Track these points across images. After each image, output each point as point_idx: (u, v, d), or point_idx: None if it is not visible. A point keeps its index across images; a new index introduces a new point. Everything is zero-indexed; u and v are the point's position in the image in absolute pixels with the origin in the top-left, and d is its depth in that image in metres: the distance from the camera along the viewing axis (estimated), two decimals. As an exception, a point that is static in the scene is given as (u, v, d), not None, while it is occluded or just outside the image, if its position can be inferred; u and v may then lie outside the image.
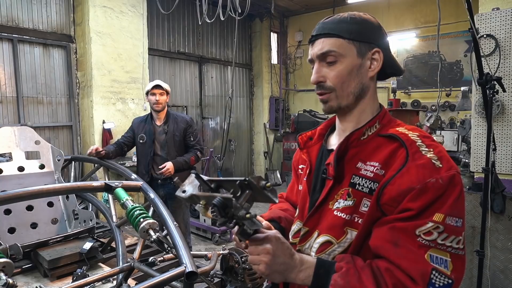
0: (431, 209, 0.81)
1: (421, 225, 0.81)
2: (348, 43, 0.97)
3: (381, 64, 0.99)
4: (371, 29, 1.00)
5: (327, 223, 0.96)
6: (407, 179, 0.83)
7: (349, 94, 0.98)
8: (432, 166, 0.84)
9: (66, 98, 5.39)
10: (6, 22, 4.71)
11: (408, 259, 0.80)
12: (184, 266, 1.43)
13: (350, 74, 0.97)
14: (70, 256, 2.18)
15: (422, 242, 0.80)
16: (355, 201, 0.92)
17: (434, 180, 0.82)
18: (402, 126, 0.97)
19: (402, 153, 0.88)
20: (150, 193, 1.99)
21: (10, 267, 1.19)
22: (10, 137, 2.80)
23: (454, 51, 6.88)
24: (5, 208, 2.52)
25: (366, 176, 0.91)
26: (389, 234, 0.83)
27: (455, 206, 0.82)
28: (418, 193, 0.82)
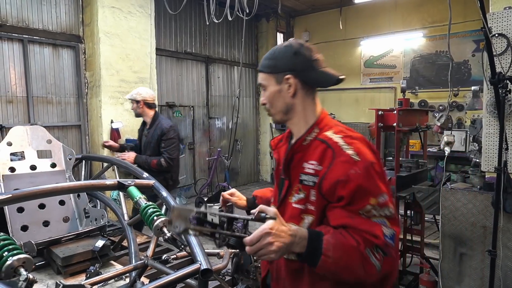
0: (363, 195, 1.09)
1: (361, 208, 1.09)
2: (269, 76, 1.28)
3: (295, 85, 1.25)
4: (285, 60, 1.25)
5: (288, 214, 1.23)
6: (334, 174, 1.11)
7: (278, 112, 1.30)
8: (352, 161, 1.11)
9: (75, 98, 5.44)
10: (16, 22, 4.77)
11: (365, 225, 1.08)
12: (199, 263, 1.44)
13: (274, 97, 1.28)
14: (83, 254, 2.21)
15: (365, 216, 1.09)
16: (305, 193, 1.19)
17: (354, 171, 1.09)
18: (332, 129, 1.23)
19: (329, 152, 1.16)
20: (162, 191, 2.00)
21: (30, 263, 1.21)
22: (23, 136, 2.83)
23: (462, 51, 6.84)
24: (18, 206, 2.55)
25: (309, 173, 1.19)
26: (344, 213, 1.10)
27: (378, 188, 1.11)
28: (344, 183, 1.09)
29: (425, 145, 3.53)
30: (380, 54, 7.96)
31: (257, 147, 9.21)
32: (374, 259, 1.05)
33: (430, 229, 4.59)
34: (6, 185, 2.63)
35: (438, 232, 3.95)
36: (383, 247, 1.07)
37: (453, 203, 2.63)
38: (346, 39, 8.26)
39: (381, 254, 1.06)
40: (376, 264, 1.06)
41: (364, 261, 1.05)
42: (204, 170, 7.71)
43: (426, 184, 3.25)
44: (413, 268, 3.71)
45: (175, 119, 7.04)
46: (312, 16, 8.84)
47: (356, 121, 8.33)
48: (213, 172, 6.38)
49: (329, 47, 8.59)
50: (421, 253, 3.50)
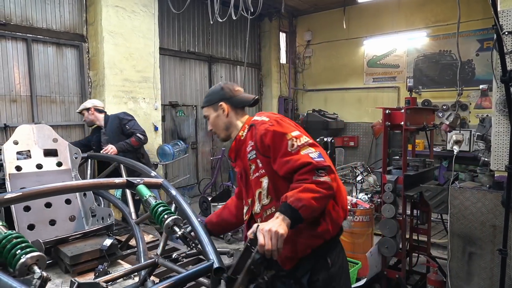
0: (280, 136, 1.53)
1: (286, 145, 1.51)
2: (208, 108, 1.83)
3: (228, 109, 1.78)
4: (214, 95, 1.82)
5: (253, 185, 1.67)
6: (258, 134, 1.59)
7: (221, 131, 1.82)
8: (263, 121, 1.62)
9: (78, 97, 5.43)
10: (20, 22, 4.76)
11: (297, 160, 1.47)
12: (212, 261, 1.43)
13: (215, 122, 1.82)
14: (91, 253, 2.19)
15: (294, 151, 1.50)
16: (255, 165, 1.65)
17: (267, 125, 1.58)
18: (254, 117, 1.73)
19: (253, 128, 1.65)
20: (171, 190, 1.99)
21: (43, 261, 1.20)
22: (29, 135, 2.82)
23: (465, 50, 6.81)
24: (25, 205, 2.54)
25: (250, 151, 1.65)
26: (282, 162, 1.51)
27: (288, 127, 1.58)
28: (265, 135, 1.56)
29: (432, 144, 3.51)
30: (383, 54, 7.94)
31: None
32: (323, 178, 1.43)
33: (435, 228, 4.57)
34: (13, 183, 2.63)
35: (444, 232, 3.94)
36: (319, 166, 1.44)
37: (462, 202, 2.61)
38: (349, 39, 8.24)
39: (323, 172, 1.44)
40: (326, 179, 1.43)
41: (318, 185, 1.41)
42: (207, 169, 7.70)
43: (433, 183, 3.24)
44: (419, 267, 3.69)
45: (178, 119, 7.03)
46: (315, 15, 8.83)
47: (359, 121, 8.31)
48: (217, 172, 6.36)
49: (332, 47, 8.58)
50: (428, 252, 3.48)
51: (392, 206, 3.01)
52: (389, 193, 3.00)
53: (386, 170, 3.19)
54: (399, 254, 3.19)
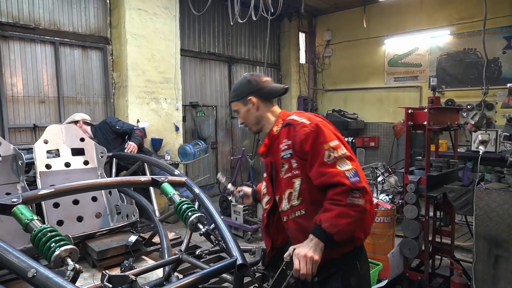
0: (319, 145, 1.50)
1: (323, 155, 1.49)
2: (236, 102, 1.78)
3: (257, 102, 1.72)
4: (242, 89, 1.75)
5: (284, 185, 1.63)
6: (298, 137, 1.55)
7: (252, 125, 1.79)
8: (304, 124, 1.56)
9: (102, 98, 5.59)
10: (49, 26, 4.94)
11: (333, 176, 1.45)
12: (235, 258, 1.46)
13: (246, 115, 1.77)
14: (117, 248, 2.27)
15: (330, 163, 1.48)
16: (288, 164, 1.60)
17: (308, 130, 1.53)
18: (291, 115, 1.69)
19: (292, 128, 1.60)
20: (194, 188, 2.04)
21: (76, 253, 1.26)
22: (58, 135, 2.93)
23: (491, 48, 6.60)
24: (54, 201, 2.65)
25: (285, 149, 1.61)
26: (318, 172, 1.49)
27: (328, 136, 1.53)
28: (305, 140, 1.53)
29: (456, 144, 3.43)
30: (405, 53, 7.80)
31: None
32: (357, 200, 1.41)
33: (459, 231, 4.46)
34: (43, 181, 2.74)
35: (468, 235, 3.84)
36: (354, 188, 1.41)
37: (487, 203, 2.55)
38: (369, 38, 8.13)
39: (358, 192, 1.41)
40: (360, 201, 1.41)
41: (352, 208, 1.40)
42: (227, 169, 7.76)
43: (457, 185, 3.17)
44: (442, 270, 3.62)
45: (199, 119, 7.12)
46: (334, 15, 8.76)
47: (379, 121, 8.19)
48: (237, 171, 6.41)
49: (352, 46, 8.49)
50: (451, 254, 3.41)
51: (414, 207, 2.96)
52: (411, 193, 2.96)
53: (409, 171, 3.14)
54: (421, 255, 3.13)
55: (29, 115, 4.84)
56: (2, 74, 4.55)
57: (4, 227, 2.31)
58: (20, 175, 2.67)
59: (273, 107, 1.76)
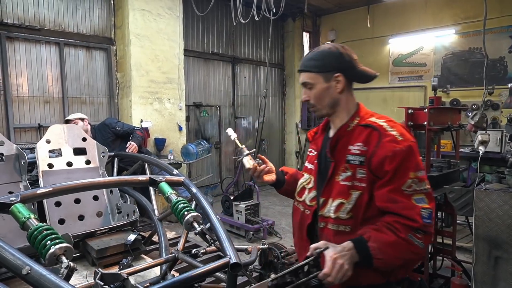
0: (404, 170, 1.26)
1: (403, 183, 1.25)
2: (316, 75, 1.42)
3: (343, 84, 1.41)
4: (332, 60, 1.41)
5: (336, 191, 1.38)
6: (382, 151, 1.28)
7: (325, 106, 1.45)
8: (396, 140, 1.29)
9: (106, 98, 5.64)
10: (53, 27, 5.00)
11: (405, 208, 1.24)
12: (229, 257, 1.47)
13: (321, 94, 1.43)
14: (116, 247, 2.30)
15: (407, 193, 1.25)
16: (352, 171, 1.35)
17: (399, 149, 1.27)
18: (373, 116, 1.42)
19: (375, 134, 1.33)
20: (192, 187, 2.05)
21: (70, 252, 1.28)
22: (60, 134, 2.97)
23: (497, 47, 6.55)
24: (56, 200, 2.69)
25: (355, 154, 1.35)
26: (388, 196, 1.26)
27: (418, 164, 1.29)
28: (391, 158, 1.26)
29: (457, 144, 3.41)
30: (410, 52, 7.75)
31: (283, 147, 9.20)
32: (416, 241, 1.22)
33: (462, 232, 4.43)
34: (45, 180, 2.78)
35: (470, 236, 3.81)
36: (422, 229, 1.23)
37: (487, 204, 2.53)
38: (373, 38, 8.10)
39: (422, 233, 1.23)
40: (419, 243, 1.23)
41: (409, 246, 1.22)
42: (230, 169, 7.79)
43: (458, 185, 3.15)
44: (443, 271, 3.60)
45: (202, 119, 7.16)
46: (339, 14, 8.74)
47: (384, 121, 8.16)
48: (239, 171, 6.43)
49: (356, 46, 8.44)
50: (453, 255, 3.39)
51: (414, 207, 2.95)
52: (411, 194, 2.94)
53: (409, 171, 3.13)
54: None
55: (34, 115, 4.91)
56: (8, 75, 4.62)
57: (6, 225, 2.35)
58: (23, 174, 2.71)
59: (353, 95, 1.47)
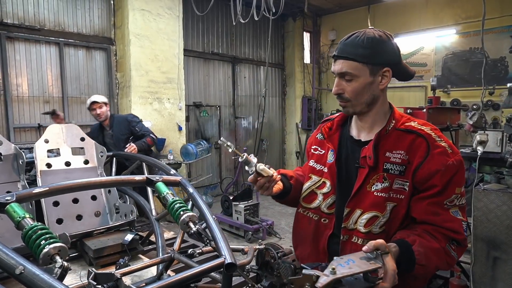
0: (452, 185, 1.16)
1: (448, 197, 1.17)
2: (362, 66, 1.20)
3: (390, 77, 1.24)
4: (383, 51, 1.21)
5: (369, 202, 1.23)
6: (434, 164, 1.16)
7: (362, 103, 1.25)
8: (447, 152, 1.18)
9: (106, 98, 5.63)
10: (53, 27, 5.01)
11: (447, 221, 1.16)
12: (224, 257, 1.47)
13: (363, 89, 1.23)
14: (113, 247, 2.29)
15: (447, 207, 1.17)
16: (390, 182, 1.21)
17: (451, 162, 1.16)
18: (412, 121, 1.26)
19: (422, 143, 1.19)
20: (189, 187, 2.05)
21: (65, 251, 1.28)
22: (59, 134, 2.97)
23: (498, 47, 6.54)
24: (54, 200, 2.69)
25: (396, 162, 1.21)
26: (430, 208, 1.17)
27: (463, 179, 1.20)
28: (442, 173, 1.15)
29: (457, 144, 3.41)
30: (410, 52, 7.74)
31: (283, 147, 9.20)
32: (453, 252, 1.17)
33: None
34: (43, 180, 2.78)
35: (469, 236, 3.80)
36: (462, 241, 1.18)
37: (486, 204, 2.52)
38: (374, 37, 8.09)
39: (456, 245, 1.17)
40: (455, 255, 1.18)
41: (447, 257, 1.16)
42: (230, 169, 7.79)
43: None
44: (442, 271, 3.59)
45: (202, 119, 7.16)
46: (339, 14, 8.73)
47: (384, 121, 8.15)
48: (239, 171, 6.43)
49: (356, 46, 8.45)
50: (452, 256, 3.38)
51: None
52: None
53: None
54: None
55: (33, 115, 4.92)
56: (8, 75, 4.63)
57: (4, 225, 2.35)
58: (21, 174, 2.71)
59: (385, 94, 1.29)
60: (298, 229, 1.45)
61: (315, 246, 1.36)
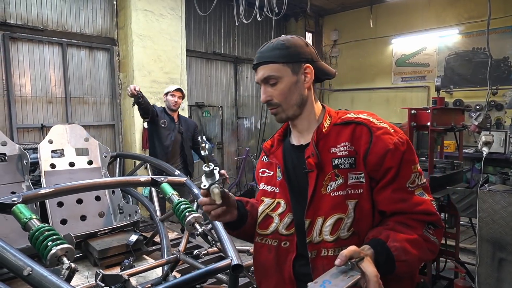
0: (406, 163, 1.11)
1: (407, 179, 1.11)
2: (283, 66, 1.18)
3: (313, 75, 1.21)
4: (299, 50, 1.20)
5: (328, 206, 1.13)
6: (380, 146, 1.10)
7: (293, 106, 1.21)
8: (390, 132, 1.13)
9: (109, 99, 5.65)
10: (56, 27, 5.01)
11: (417, 204, 1.09)
12: (230, 259, 1.47)
13: (289, 90, 1.19)
14: (118, 247, 2.30)
15: (411, 189, 1.11)
16: (344, 178, 1.13)
17: (397, 140, 1.11)
18: (349, 113, 1.22)
19: (362, 129, 1.14)
20: (193, 188, 2.05)
21: (72, 253, 1.28)
22: (63, 135, 2.97)
23: (501, 48, 6.51)
24: (58, 200, 2.69)
25: (343, 156, 1.14)
26: (394, 196, 1.10)
27: (415, 156, 1.15)
28: (392, 152, 1.09)
29: (461, 145, 3.39)
30: (413, 52, 7.73)
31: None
32: (432, 237, 1.09)
33: (466, 233, 4.41)
34: (47, 180, 2.78)
35: (474, 237, 3.79)
36: (437, 222, 1.11)
37: (491, 205, 2.51)
38: (376, 38, 8.08)
39: (432, 228, 1.10)
40: (435, 240, 1.10)
41: (427, 244, 1.07)
42: (232, 169, 7.78)
43: (462, 186, 3.13)
44: (447, 273, 3.58)
45: (204, 119, 7.16)
46: (341, 14, 8.72)
47: (386, 121, 8.13)
48: (241, 172, 6.43)
49: (359, 46, 8.44)
50: (456, 257, 3.37)
51: (417, 208, 2.94)
52: (414, 195, 2.93)
53: (412, 172, 3.11)
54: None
55: (37, 115, 4.92)
56: (11, 75, 4.63)
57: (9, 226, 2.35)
58: (25, 174, 2.71)
59: (314, 94, 1.27)
60: (258, 262, 1.29)
61: (280, 276, 1.20)
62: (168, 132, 3.88)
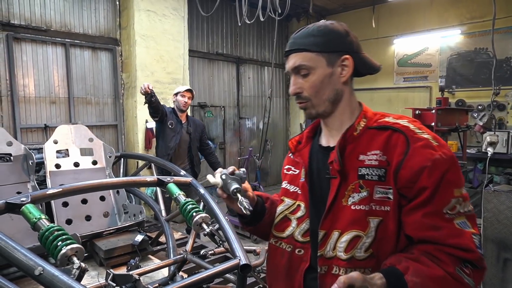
0: (447, 185, 0.91)
1: (446, 203, 0.91)
2: (317, 55, 1.04)
3: (352, 68, 1.06)
4: (337, 38, 1.06)
5: (347, 219, 0.99)
6: (417, 160, 0.93)
7: (324, 101, 1.07)
8: (432, 145, 0.95)
9: (112, 99, 5.66)
10: (60, 27, 5.02)
11: (452, 236, 0.90)
12: (238, 258, 1.47)
13: (322, 83, 1.05)
14: (124, 247, 2.30)
15: (448, 217, 0.91)
16: (369, 190, 0.98)
17: (439, 156, 0.92)
18: (388, 117, 1.06)
19: (399, 138, 0.97)
20: (200, 188, 2.05)
21: (82, 252, 1.28)
22: (67, 135, 2.98)
23: (503, 48, 6.51)
24: (63, 200, 2.69)
25: (372, 165, 0.99)
26: (426, 221, 0.91)
27: (462, 178, 0.94)
28: (430, 170, 0.91)
29: (465, 145, 3.40)
30: (415, 53, 7.73)
31: (287, 147, 9.18)
32: (466, 278, 0.88)
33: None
34: (52, 180, 2.79)
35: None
36: (477, 262, 0.89)
37: (496, 206, 2.52)
38: (378, 38, 8.08)
39: (470, 267, 0.89)
40: (470, 282, 0.89)
41: (457, 284, 0.88)
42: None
43: (465, 186, 3.13)
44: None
45: (207, 119, 7.16)
46: (343, 15, 8.72)
47: (388, 122, 8.13)
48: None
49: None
50: (460, 257, 3.37)
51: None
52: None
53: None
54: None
55: (40, 116, 4.93)
56: (15, 75, 4.65)
57: (15, 225, 2.36)
58: (31, 175, 2.72)
59: (352, 90, 1.12)
60: (271, 264, 1.23)
61: (290, 284, 1.11)
62: (173, 134, 3.89)
